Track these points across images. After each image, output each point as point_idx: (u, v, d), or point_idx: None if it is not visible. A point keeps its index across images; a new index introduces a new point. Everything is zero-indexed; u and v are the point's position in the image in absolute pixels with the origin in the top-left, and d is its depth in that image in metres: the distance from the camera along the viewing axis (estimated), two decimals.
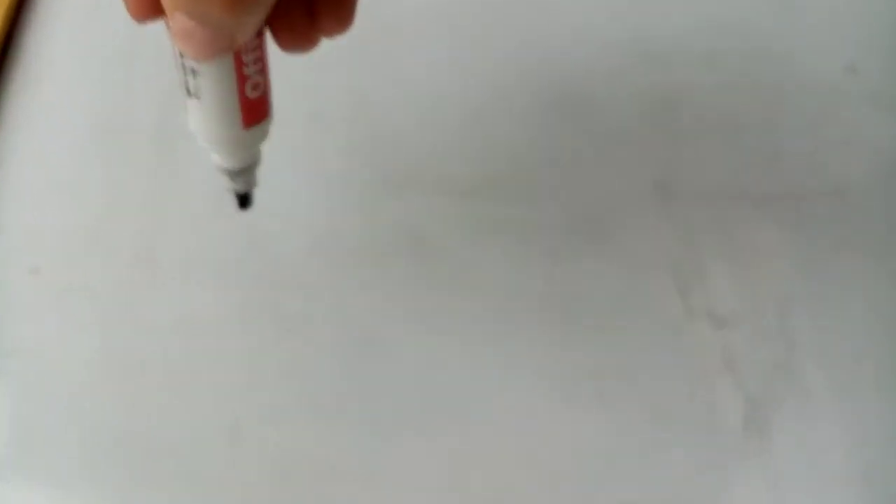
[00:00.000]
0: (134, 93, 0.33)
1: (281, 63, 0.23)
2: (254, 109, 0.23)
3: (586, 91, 0.38)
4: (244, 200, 0.26)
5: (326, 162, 0.32)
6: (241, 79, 0.22)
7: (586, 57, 0.39)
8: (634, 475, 0.28)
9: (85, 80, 0.34)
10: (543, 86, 0.38)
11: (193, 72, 0.22)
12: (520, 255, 0.32)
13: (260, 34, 0.22)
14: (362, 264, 0.31)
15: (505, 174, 0.35)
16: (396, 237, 0.32)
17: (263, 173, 0.25)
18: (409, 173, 0.33)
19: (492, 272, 0.32)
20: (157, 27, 0.21)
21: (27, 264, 0.30)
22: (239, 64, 0.22)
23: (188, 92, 0.22)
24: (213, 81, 0.22)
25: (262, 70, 0.23)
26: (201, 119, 0.23)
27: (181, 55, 0.21)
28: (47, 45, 0.35)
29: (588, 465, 0.28)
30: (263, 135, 0.24)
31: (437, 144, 0.34)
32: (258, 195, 0.26)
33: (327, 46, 0.22)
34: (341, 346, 0.29)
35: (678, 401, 0.30)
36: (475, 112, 0.36)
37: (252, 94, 0.23)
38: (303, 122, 0.25)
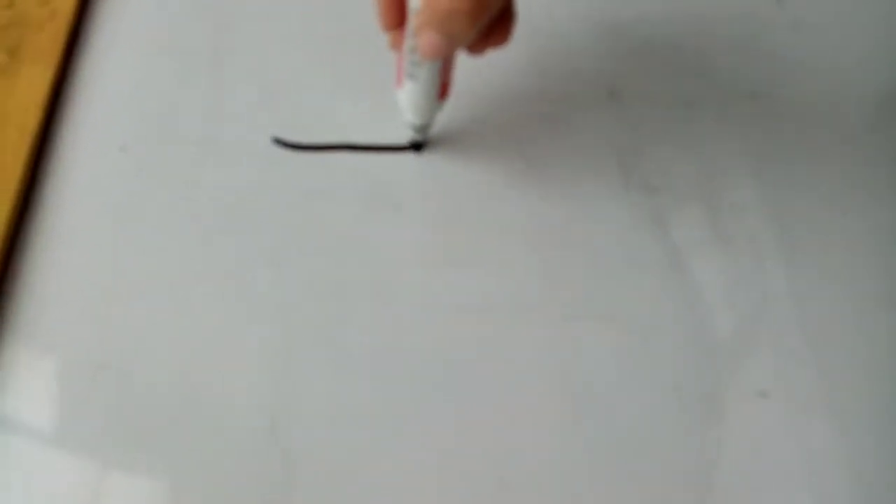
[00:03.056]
0: (195, 19, 0.43)
1: None
2: (444, 89, 0.36)
3: (557, 22, 0.46)
4: (419, 146, 0.40)
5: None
6: (445, 70, 0.35)
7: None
8: (580, 292, 0.37)
9: (156, 10, 0.43)
10: (523, 17, 0.46)
11: (417, 64, 0.34)
12: (500, 143, 0.41)
13: None
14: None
15: (492, 82, 0.43)
16: None
17: None
18: None
19: (478, 156, 0.41)
20: None
21: (118, 143, 0.39)
22: (446, 61, 0.34)
23: (409, 76, 0.35)
24: (429, 71, 0.34)
25: (453, 65, 0.36)
26: (413, 93, 0.36)
27: (412, 53, 0.33)
28: None
29: (545, 286, 0.37)
30: (443, 106, 0.37)
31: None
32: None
33: None
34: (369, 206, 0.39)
35: (618, 245, 0.39)
36: None
37: (446, 79, 0.36)
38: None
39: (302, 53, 0.42)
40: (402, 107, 0.37)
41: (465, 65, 0.38)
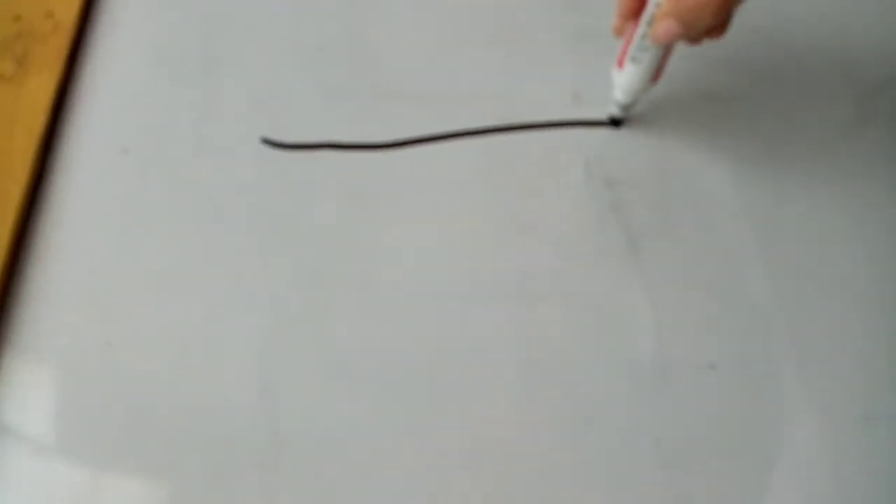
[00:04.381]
0: (188, 29, 0.46)
1: None
2: (658, 73, 0.42)
3: (529, 30, 0.50)
4: (619, 122, 0.45)
5: None
6: (665, 56, 0.40)
7: (518, 3, 0.51)
8: (546, 274, 0.40)
9: (152, 21, 0.47)
10: (492, 25, 0.50)
11: (644, 49, 0.40)
12: (462, 144, 0.45)
13: None
14: None
15: (475, 87, 0.47)
16: None
17: None
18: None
19: (456, 163, 0.44)
20: None
21: (119, 145, 0.42)
22: (668, 48, 0.40)
23: (633, 59, 0.40)
24: (653, 55, 0.40)
25: (671, 54, 0.41)
26: (632, 75, 0.41)
27: (643, 39, 0.39)
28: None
29: (513, 268, 0.41)
30: (651, 88, 0.42)
31: (421, 67, 0.47)
32: None
33: None
34: None
35: (580, 232, 0.42)
36: (451, 46, 0.48)
37: (663, 65, 0.41)
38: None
39: (287, 60, 0.46)
40: (617, 87, 0.43)
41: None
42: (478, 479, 0.36)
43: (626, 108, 0.44)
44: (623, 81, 0.42)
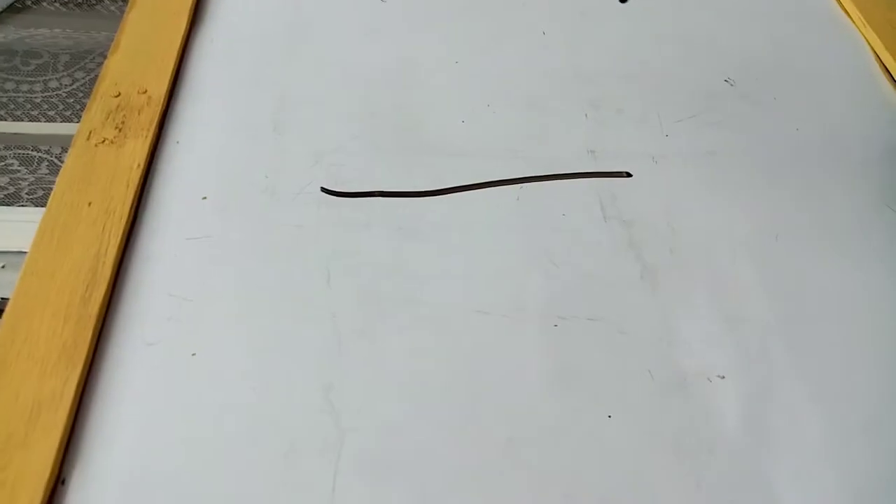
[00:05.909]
0: (259, 99, 0.55)
1: None
2: None
3: (551, 99, 0.58)
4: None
5: None
6: None
7: (542, 78, 0.59)
8: (572, 299, 0.46)
9: (228, 92, 0.56)
10: (519, 96, 0.58)
11: None
12: (499, 191, 0.51)
13: None
14: None
15: (507, 144, 0.54)
16: None
17: None
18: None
19: (491, 208, 0.51)
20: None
21: (201, 193, 0.49)
22: None
23: None
24: None
25: None
26: None
27: None
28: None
29: (544, 294, 0.46)
30: None
31: (458, 129, 0.55)
32: None
33: None
34: None
35: (600, 265, 0.48)
36: (485, 111, 0.56)
37: None
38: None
39: (343, 124, 0.54)
40: None
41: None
42: (513, 466, 0.40)
43: None
44: None
